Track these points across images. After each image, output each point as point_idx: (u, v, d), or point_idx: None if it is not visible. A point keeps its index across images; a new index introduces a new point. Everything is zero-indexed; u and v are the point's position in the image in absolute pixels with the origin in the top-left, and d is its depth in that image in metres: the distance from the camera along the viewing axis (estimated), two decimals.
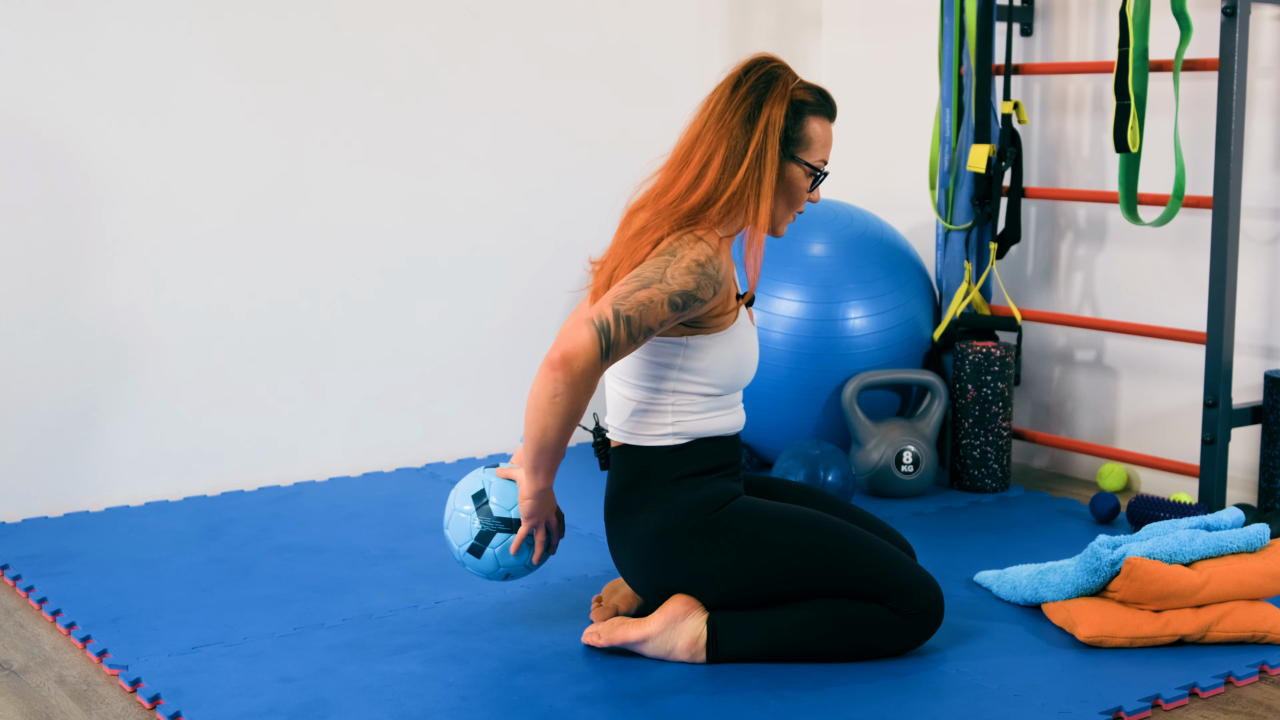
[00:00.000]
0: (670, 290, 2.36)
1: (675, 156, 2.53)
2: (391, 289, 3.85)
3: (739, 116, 2.47)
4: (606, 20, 4.14)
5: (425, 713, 2.30)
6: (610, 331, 2.33)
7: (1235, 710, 2.35)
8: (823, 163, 2.54)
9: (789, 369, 3.57)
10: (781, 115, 2.47)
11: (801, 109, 2.50)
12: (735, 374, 2.53)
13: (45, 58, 3.34)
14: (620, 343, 2.35)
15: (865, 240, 3.69)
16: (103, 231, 3.44)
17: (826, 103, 2.54)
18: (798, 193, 2.53)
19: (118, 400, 3.49)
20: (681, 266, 2.38)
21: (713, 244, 2.44)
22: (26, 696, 2.42)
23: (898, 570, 2.49)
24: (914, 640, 2.50)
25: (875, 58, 4.36)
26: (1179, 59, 3.22)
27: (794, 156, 2.50)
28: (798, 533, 2.48)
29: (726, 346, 2.50)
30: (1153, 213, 3.57)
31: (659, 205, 2.48)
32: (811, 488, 2.75)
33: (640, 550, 2.52)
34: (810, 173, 2.52)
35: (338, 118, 3.73)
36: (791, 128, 2.49)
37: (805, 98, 2.50)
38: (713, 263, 2.41)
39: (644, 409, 2.52)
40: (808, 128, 2.51)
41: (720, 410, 2.54)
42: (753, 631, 2.47)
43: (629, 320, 2.34)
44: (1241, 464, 3.48)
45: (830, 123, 2.55)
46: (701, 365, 2.49)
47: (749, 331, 2.57)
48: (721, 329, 2.49)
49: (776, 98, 2.47)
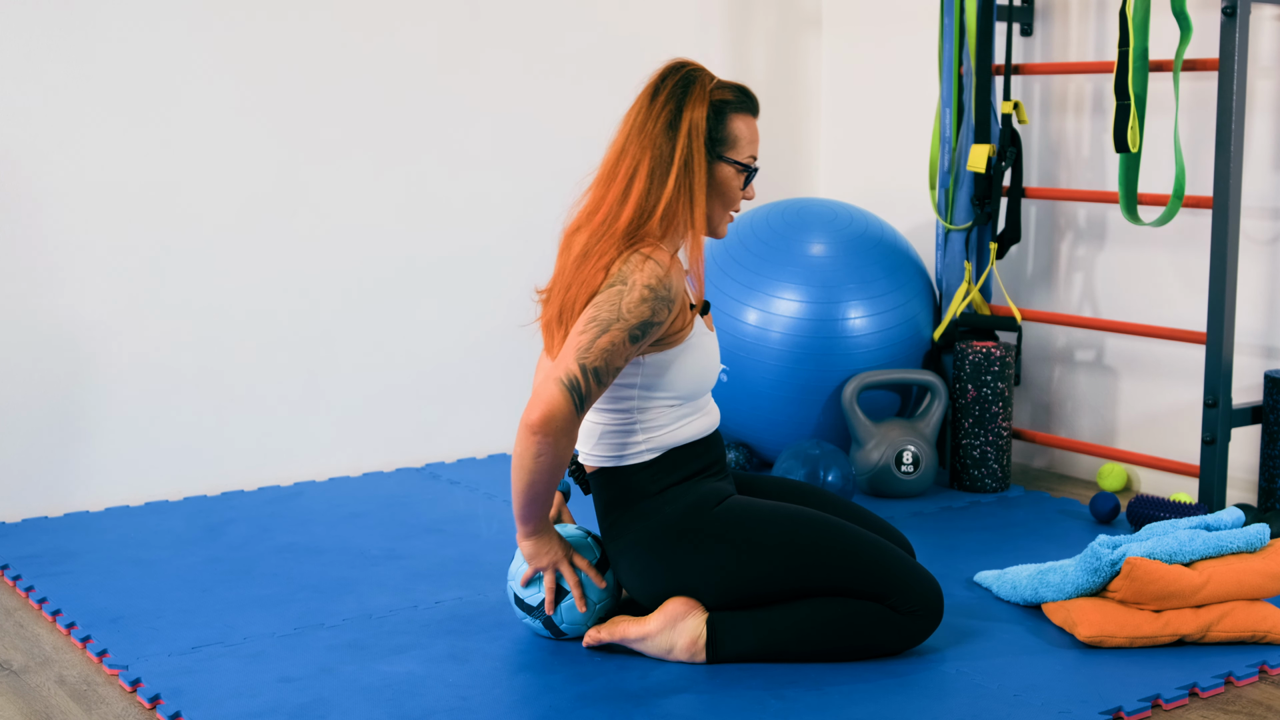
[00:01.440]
0: (629, 326, 2.36)
1: (602, 173, 2.50)
2: (391, 289, 3.85)
3: (660, 125, 2.45)
4: (606, 20, 4.14)
5: (425, 713, 2.30)
6: (581, 386, 2.34)
7: (1235, 710, 2.35)
8: (752, 159, 2.52)
9: (789, 369, 3.57)
10: (703, 117, 2.45)
11: (723, 108, 2.48)
12: (698, 382, 2.52)
13: (46, 58, 3.34)
14: (592, 393, 2.36)
15: (865, 240, 3.69)
16: (103, 232, 3.44)
17: (748, 99, 2.52)
18: (731, 192, 2.52)
19: (118, 400, 3.49)
20: (635, 297, 2.37)
21: (663, 261, 2.41)
22: (26, 696, 2.42)
23: (896, 568, 2.48)
24: (914, 638, 2.50)
25: (875, 58, 4.36)
26: (1179, 59, 3.22)
27: (721, 156, 2.49)
28: (793, 532, 2.48)
29: (685, 358, 2.49)
30: (1153, 213, 3.57)
31: (594, 225, 2.46)
32: (810, 486, 2.75)
33: (638, 563, 2.52)
34: (740, 170, 2.51)
35: (338, 118, 3.73)
36: (715, 128, 2.47)
37: (725, 96, 2.49)
38: (664, 283, 2.39)
39: (613, 431, 2.51)
40: (731, 126, 2.49)
41: (689, 417, 2.53)
42: (752, 631, 2.47)
43: (596, 371, 2.35)
44: (1241, 464, 3.48)
45: (754, 118, 2.53)
46: (662, 381, 2.48)
47: (706, 338, 2.55)
48: (678, 343, 2.47)
49: (696, 101, 2.46)
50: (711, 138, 2.47)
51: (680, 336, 2.47)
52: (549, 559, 2.51)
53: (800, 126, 4.53)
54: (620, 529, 2.52)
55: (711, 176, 2.49)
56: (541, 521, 2.48)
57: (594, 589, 2.55)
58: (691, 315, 2.50)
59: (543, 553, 2.51)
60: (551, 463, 2.37)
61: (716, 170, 2.50)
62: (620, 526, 2.52)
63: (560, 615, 2.55)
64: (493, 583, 2.89)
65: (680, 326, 2.46)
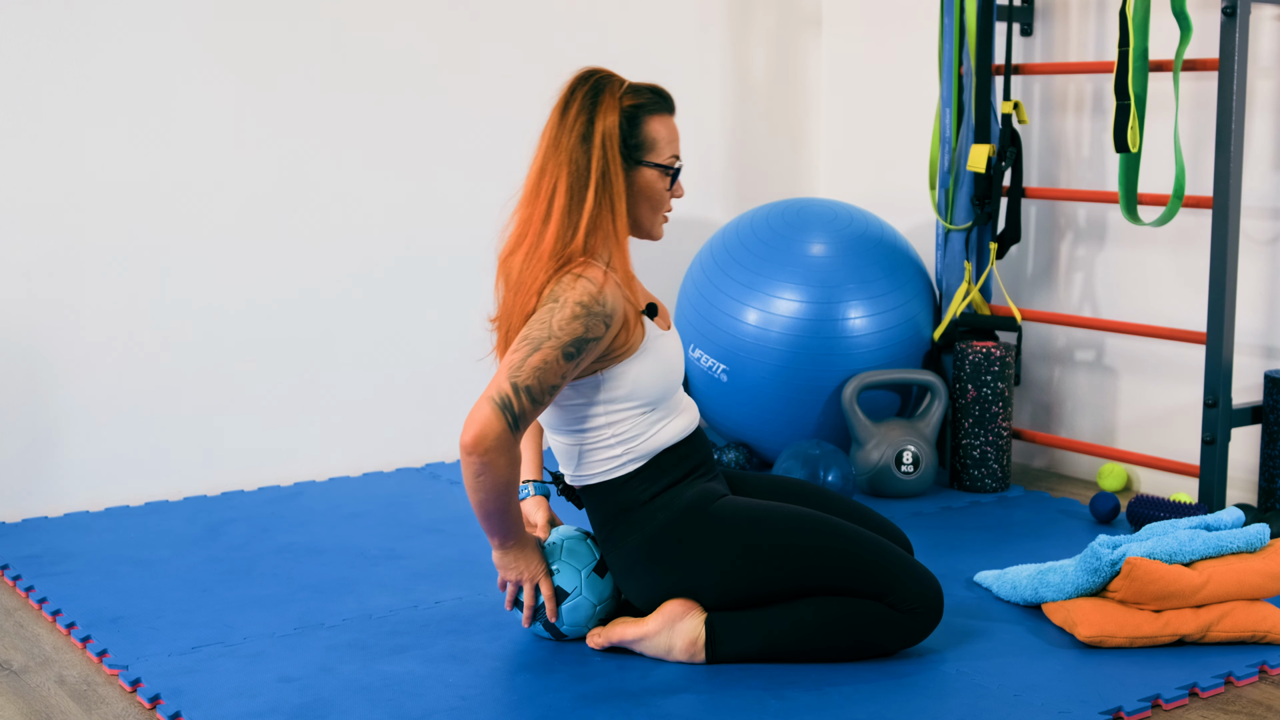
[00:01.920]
0: (561, 344, 2.34)
1: (525, 194, 2.48)
2: (392, 289, 3.85)
3: (575, 138, 2.43)
4: (607, 21, 4.14)
5: (425, 713, 2.30)
6: (513, 405, 2.33)
7: (1235, 710, 2.35)
8: (674, 158, 2.50)
9: (789, 369, 3.57)
10: (616, 125, 2.43)
11: (636, 113, 2.46)
12: (663, 386, 2.50)
13: (46, 59, 3.34)
14: (526, 410, 2.34)
15: (865, 240, 3.69)
16: (101, 233, 3.45)
17: (661, 99, 2.50)
18: (657, 195, 2.50)
19: (118, 400, 3.49)
20: (566, 314, 2.35)
21: (595, 278, 2.39)
22: (26, 696, 2.42)
23: (894, 567, 2.47)
24: (914, 637, 2.49)
25: (875, 58, 4.36)
26: (1179, 59, 3.22)
27: (641, 161, 2.47)
28: (790, 533, 2.47)
29: (644, 364, 2.47)
30: (1153, 213, 3.57)
31: (524, 249, 2.44)
32: (806, 483, 2.74)
33: (636, 571, 2.51)
34: (664, 172, 2.49)
35: (338, 119, 3.73)
36: (630, 135, 2.45)
37: (638, 100, 2.46)
38: (597, 299, 2.37)
39: (588, 449, 2.50)
40: (647, 129, 2.47)
41: (664, 420, 2.52)
42: (751, 631, 2.47)
43: (529, 389, 2.33)
44: (1241, 464, 3.48)
45: (670, 116, 2.51)
46: (624, 391, 2.47)
47: (664, 339, 2.53)
48: (631, 352, 2.45)
49: (607, 109, 2.43)
50: (627, 145, 2.45)
51: (632, 345, 2.45)
52: (515, 574, 2.51)
53: (800, 126, 4.53)
54: (616, 540, 2.52)
55: (632, 184, 2.47)
56: (507, 537, 2.46)
57: (595, 589, 2.55)
58: (639, 322, 2.48)
59: (510, 567, 2.51)
60: (494, 482, 2.35)
61: (638, 176, 2.48)
62: (616, 537, 2.52)
63: (561, 618, 2.56)
64: (492, 583, 2.89)
65: (627, 339, 2.44)
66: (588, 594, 2.55)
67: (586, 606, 2.55)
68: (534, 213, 2.44)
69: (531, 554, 2.51)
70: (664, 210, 2.53)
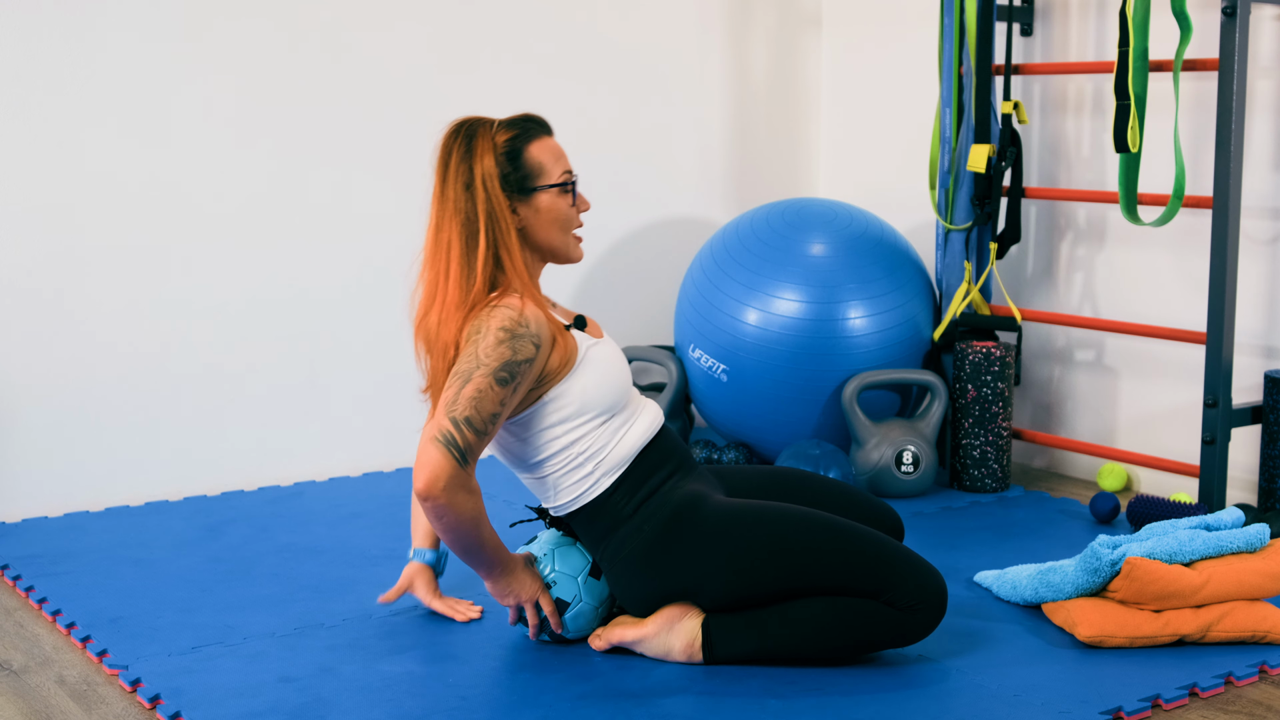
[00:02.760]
0: (491, 370, 2.34)
1: (427, 256, 2.48)
2: (391, 289, 3.85)
3: (459, 188, 2.44)
4: (607, 22, 4.14)
5: (425, 713, 2.30)
6: (457, 440, 2.33)
7: (1235, 710, 2.35)
8: (566, 174, 2.51)
9: (789, 369, 3.57)
10: (494, 164, 2.45)
11: (514, 145, 2.48)
12: (612, 393, 2.50)
13: (46, 59, 3.34)
14: (471, 443, 2.34)
15: (865, 240, 3.69)
16: (102, 233, 3.45)
17: (534, 124, 2.51)
18: (563, 214, 2.51)
19: (118, 400, 3.49)
20: (490, 341, 2.36)
21: (513, 304, 2.40)
22: (26, 696, 2.42)
23: (891, 564, 2.44)
24: (914, 634, 2.45)
25: (875, 58, 4.36)
26: (1179, 59, 3.22)
27: (534, 189, 2.48)
28: (782, 535, 2.45)
29: (586, 377, 2.47)
30: (1153, 213, 3.57)
31: (436, 306, 2.45)
32: (798, 471, 2.72)
33: (634, 583, 2.51)
34: (562, 190, 2.50)
35: (338, 120, 3.73)
36: (514, 168, 2.47)
37: (511, 134, 2.48)
38: (519, 322, 2.38)
39: (559, 475, 2.50)
40: (529, 157, 2.48)
41: (625, 425, 2.52)
42: (747, 633, 2.46)
43: (468, 420, 2.33)
44: (1241, 464, 3.48)
45: (549, 138, 2.52)
46: (574, 408, 2.46)
47: (599, 348, 2.52)
48: (569, 368, 2.46)
49: (482, 152, 2.45)
50: (514, 178, 2.47)
51: (570, 362, 2.45)
52: (511, 599, 2.52)
53: (800, 126, 4.53)
54: (611, 555, 2.51)
55: (535, 212, 2.48)
56: (493, 567, 2.46)
57: (593, 593, 2.55)
58: (569, 337, 2.48)
59: (505, 593, 2.51)
60: (458, 519, 2.35)
61: (536, 204, 2.49)
62: (610, 552, 2.51)
63: (566, 626, 2.56)
64: None
65: (563, 356, 2.45)
66: (587, 599, 2.55)
67: (589, 611, 2.55)
68: (437, 271, 2.46)
69: (522, 575, 2.51)
70: (574, 228, 2.55)
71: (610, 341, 2.58)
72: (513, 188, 2.46)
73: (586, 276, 4.18)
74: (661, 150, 4.28)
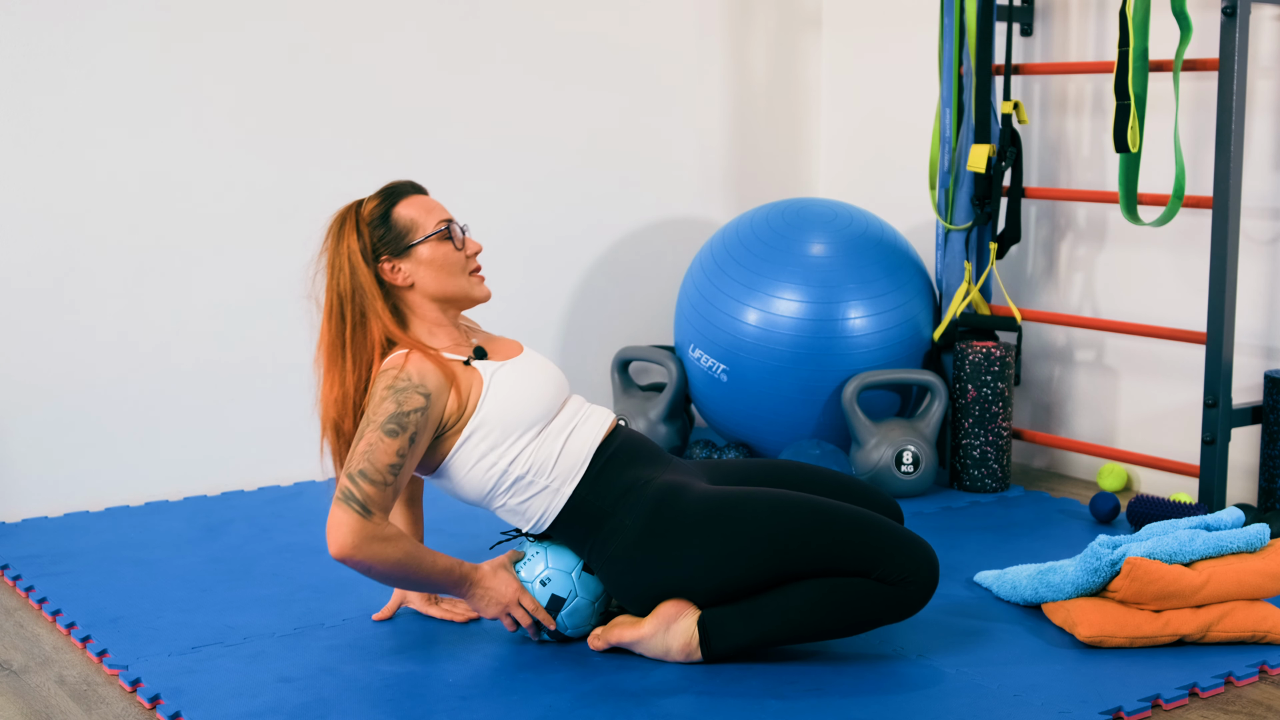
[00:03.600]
0: (379, 424, 2.38)
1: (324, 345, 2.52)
2: None
3: (341, 271, 2.50)
4: (606, 22, 4.14)
5: (425, 713, 2.30)
6: (356, 494, 2.35)
7: (1235, 710, 2.35)
8: (441, 223, 2.53)
9: (789, 369, 3.57)
10: (362, 240, 2.49)
11: (383, 213, 2.52)
12: (536, 405, 2.50)
13: (46, 60, 3.34)
14: (370, 494, 2.36)
15: (865, 240, 3.69)
16: (102, 232, 3.45)
17: (396, 190, 2.55)
18: (450, 261, 2.53)
19: (118, 400, 3.49)
20: (376, 400, 2.41)
21: (395, 361, 2.44)
22: (26, 696, 2.42)
23: (877, 539, 2.44)
24: (910, 607, 2.45)
25: (875, 58, 4.36)
26: (1179, 59, 3.22)
27: (411, 245, 2.51)
28: (766, 519, 2.45)
29: (499, 401, 2.48)
30: (1153, 213, 3.57)
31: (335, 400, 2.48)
32: (790, 462, 2.72)
33: (624, 579, 2.51)
34: (441, 237, 2.52)
35: (337, 118, 3.73)
36: (386, 233, 2.51)
37: (375, 202, 2.53)
38: (400, 376, 2.41)
39: (518, 501, 2.51)
40: (398, 219, 2.52)
41: (566, 431, 2.52)
42: (743, 624, 2.46)
43: (363, 473, 2.36)
44: (1241, 464, 3.48)
45: (416, 195, 2.55)
46: (497, 434, 2.47)
47: (510, 369, 2.53)
48: (476, 400, 2.47)
49: (349, 230, 2.51)
50: (385, 243, 2.51)
51: (474, 393, 2.47)
52: (495, 608, 2.53)
53: (800, 126, 4.53)
54: (599, 555, 2.52)
55: (422, 266, 2.51)
56: (458, 587, 2.48)
57: (588, 588, 2.55)
58: (468, 371, 2.49)
59: (488, 605, 2.52)
60: (387, 569, 2.39)
61: (418, 256, 2.51)
62: (597, 552, 2.52)
63: (563, 622, 2.56)
64: None
65: (465, 394, 2.46)
66: (583, 594, 2.55)
67: (585, 607, 2.56)
68: (331, 363, 2.50)
69: (494, 582, 2.52)
70: (468, 271, 2.57)
71: (527, 358, 2.60)
72: (390, 249, 2.51)
73: (587, 276, 4.18)
74: (661, 150, 4.28)
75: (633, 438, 2.60)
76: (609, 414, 2.61)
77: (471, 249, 2.57)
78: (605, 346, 4.21)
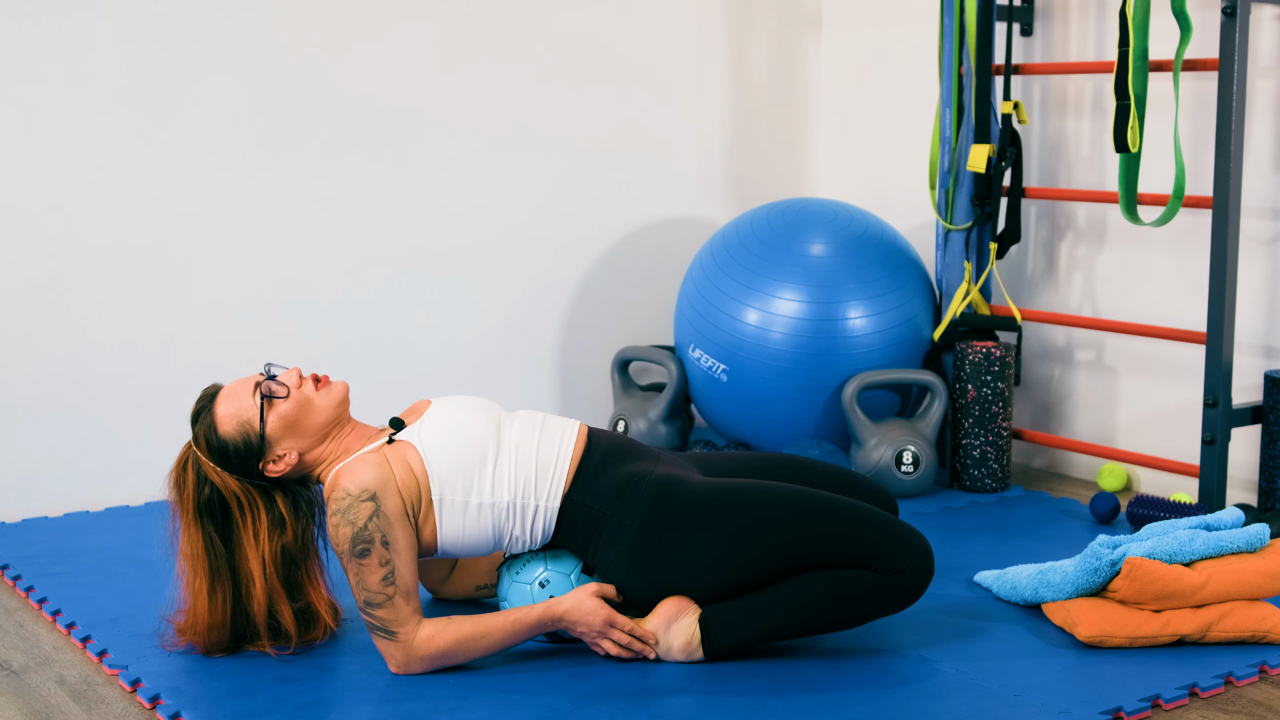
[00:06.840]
0: (348, 553, 2.39)
1: (190, 583, 2.52)
2: (391, 290, 3.85)
3: (207, 515, 2.48)
4: (606, 22, 4.14)
5: (425, 713, 2.30)
6: (376, 624, 2.41)
7: (1235, 710, 2.35)
8: (254, 392, 2.46)
9: (789, 369, 3.57)
10: (223, 479, 2.46)
11: (211, 442, 2.46)
12: (473, 439, 2.48)
13: (46, 60, 3.34)
14: (388, 616, 2.39)
15: (865, 240, 3.69)
16: (102, 232, 3.45)
17: (201, 411, 2.49)
18: (293, 408, 2.47)
19: (118, 400, 3.49)
20: (332, 532, 2.41)
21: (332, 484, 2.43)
22: (26, 696, 2.42)
23: (874, 531, 2.44)
24: (908, 597, 2.46)
25: (875, 58, 4.36)
26: (1179, 59, 3.22)
27: (262, 437, 2.46)
28: (765, 513, 2.45)
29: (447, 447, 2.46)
30: (1153, 213, 3.57)
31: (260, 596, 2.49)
32: (785, 455, 2.72)
33: (630, 580, 2.50)
34: (266, 400, 2.46)
35: (338, 121, 3.73)
36: (233, 454, 2.46)
37: (203, 435, 2.47)
38: (339, 493, 2.40)
39: (524, 523, 2.50)
40: (222, 433, 2.45)
41: (527, 446, 2.51)
42: (743, 620, 2.46)
43: (368, 603, 2.40)
44: (1241, 464, 3.48)
45: (215, 400, 2.48)
46: (465, 478, 2.46)
47: (427, 427, 2.50)
48: (423, 466, 2.45)
49: (202, 481, 2.47)
50: (241, 459, 2.46)
51: (420, 465, 2.45)
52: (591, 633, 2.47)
53: (800, 126, 4.53)
54: (601, 558, 2.51)
55: (282, 432, 2.47)
56: (540, 626, 2.45)
57: None
58: (398, 448, 2.47)
59: (579, 632, 2.48)
60: (457, 655, 2.43)
61: (275, 436, 2.47)
62: (600, 556, 2.51)
63: None
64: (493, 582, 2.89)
65: (408, 471, 2.44)
66: None
67: None
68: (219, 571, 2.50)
69: (568, 607, 2.46)
70: (308, 392, 2.49)
71: (439, 403, 2.57)
72: (257, 459, 2.47)
73: (587, 276, 4.18)
74: (661, 150, 4.28)
75: (614, 438, 2.60)
76: (572, 425, 2.59)
77: (289, 382, 2.50)
78: (605, 346, 4.21)
